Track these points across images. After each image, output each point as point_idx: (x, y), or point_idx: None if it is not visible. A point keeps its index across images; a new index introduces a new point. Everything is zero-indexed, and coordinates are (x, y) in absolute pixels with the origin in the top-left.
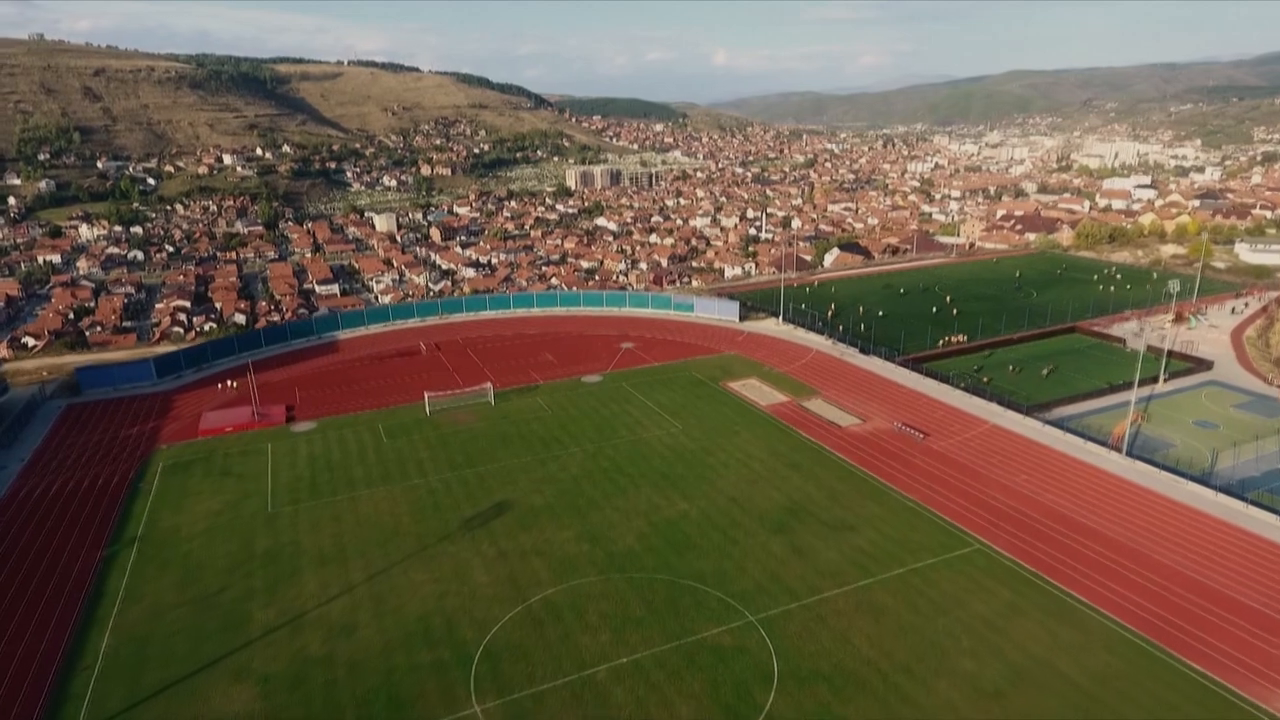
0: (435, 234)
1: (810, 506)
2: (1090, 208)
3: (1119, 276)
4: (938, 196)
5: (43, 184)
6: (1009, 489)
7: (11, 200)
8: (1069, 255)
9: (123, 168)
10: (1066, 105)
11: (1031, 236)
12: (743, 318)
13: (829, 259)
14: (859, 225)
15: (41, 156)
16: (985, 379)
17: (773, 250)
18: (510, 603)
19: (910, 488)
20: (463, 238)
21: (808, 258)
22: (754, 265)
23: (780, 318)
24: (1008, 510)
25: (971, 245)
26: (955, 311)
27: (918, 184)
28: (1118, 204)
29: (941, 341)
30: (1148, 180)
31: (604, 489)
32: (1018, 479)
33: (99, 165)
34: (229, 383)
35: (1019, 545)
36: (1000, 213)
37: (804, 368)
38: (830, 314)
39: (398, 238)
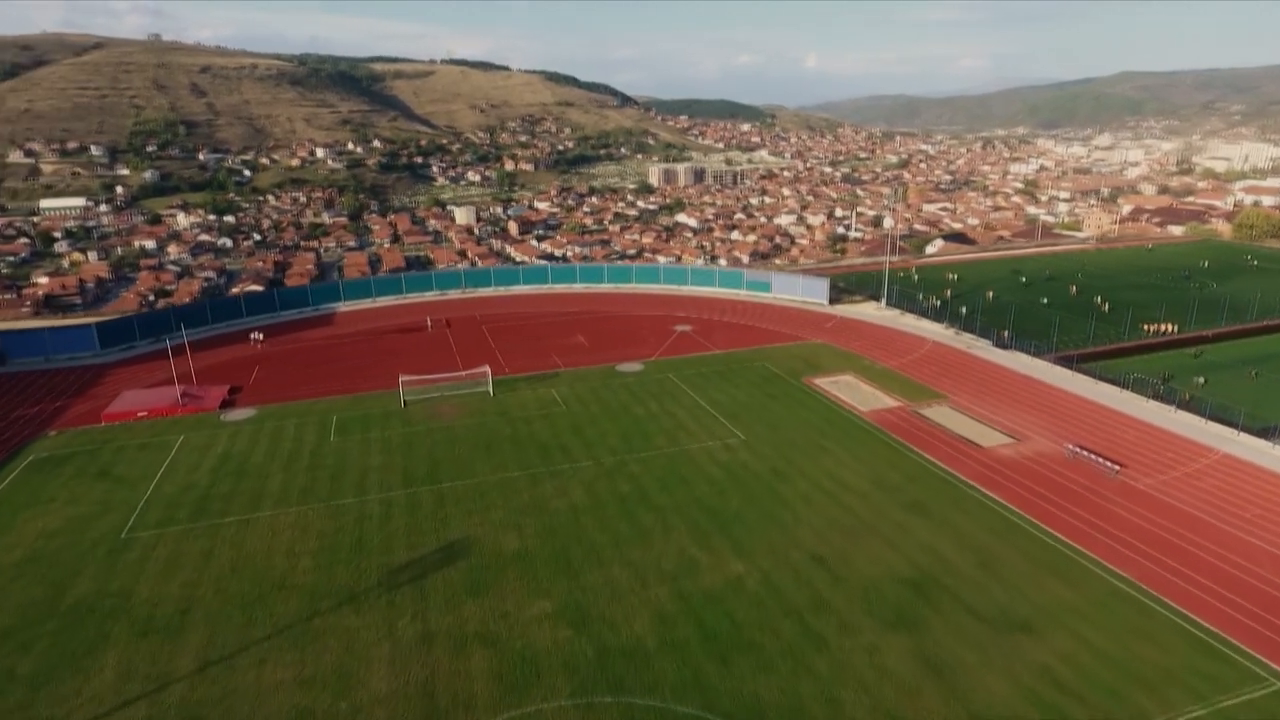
0: (512, 227)
1: (948, 580)
2: (1234, 205)
3: None
4: (1044, 198)
5: (148, 174)
6: None
7: (119, 189)
8: (1248, 245)
9: (221, 160)
10: (1184, 108)
11: (1178, 229)
12: (833, 301)
13: (931, 248)
14: (957, 225)
15: (149, 148)
16: (1187, 394)
17: (862, 248)
18: None
19: (1116, 556)
20: (539, 231)
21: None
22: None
23: (883, 300)
24: None
25: (1104, 236)
26: (1107, 305)
27: (1021, 185)
28: (1268, 200)
29: (1148, 329)
30: None
31: (615, 529)
32: None
33: (200, 157)
34: (256, 335)
35: None
36: (1128, 207)
37: (918, 363)
38: (947, 298)
39: (475, 230)
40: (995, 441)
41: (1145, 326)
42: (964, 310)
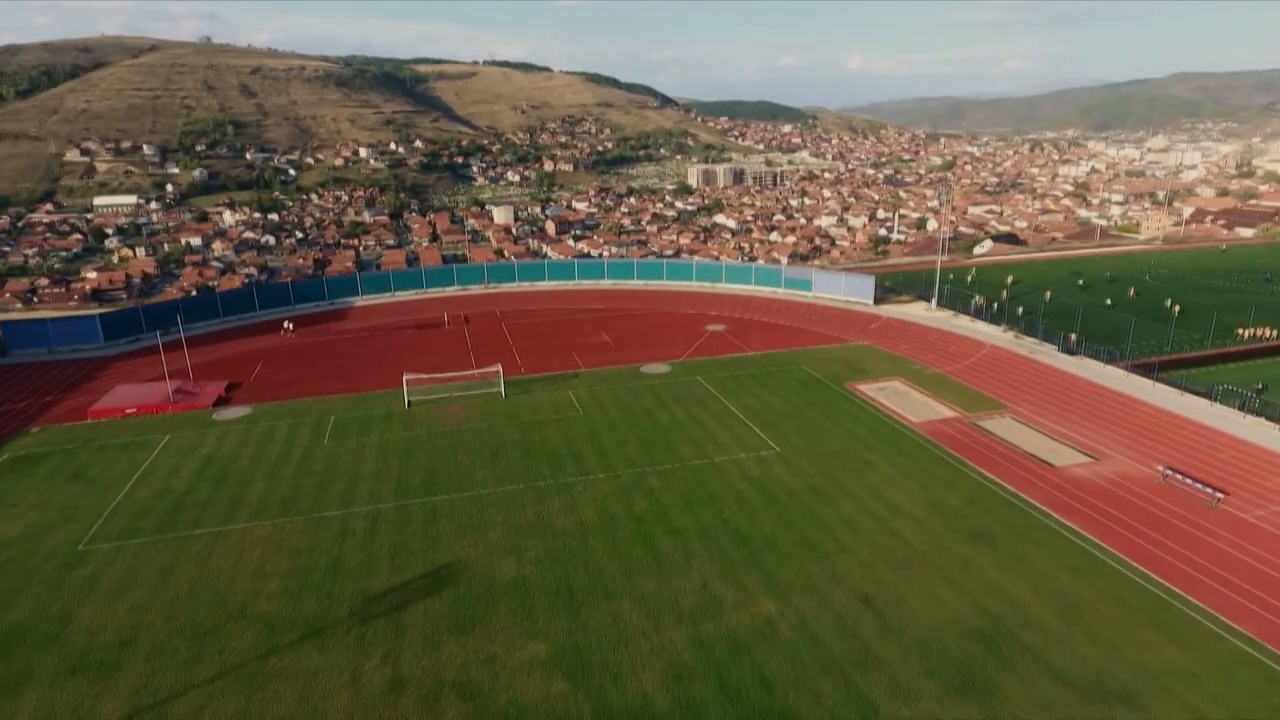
0: (550, 227)
1: (1025, 632)
2: None
3: None
4: (1096, 200)
5: (197, 173)
6: None
7: (169, 187)
8: None
9: (268, 159)
10: (1243, 110)
11: (1248, 231)
12: (878, 300)
13: (980, 249)
14: (1004, 228)
15: (199, 148)
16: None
17: (905, 250)
18: None
19: (1230, 605)
20: (577, 231)
21: (953, 252)
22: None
23: (934, 300)
24: None
25: (1169, 237)
26: (1177, 308)
27: (1071, 188)
28: None
29: (1243, 334)
30: None
31: (628, 555)
32: None
33: (247, 156)
34: (287, 325)
35: None
36: (1189, 209)
37: (975, 368)
38: (1003, 299)
39: (513, 230)
40: (1069, 460)
41: (1240, 331)
42: (1020, 311)
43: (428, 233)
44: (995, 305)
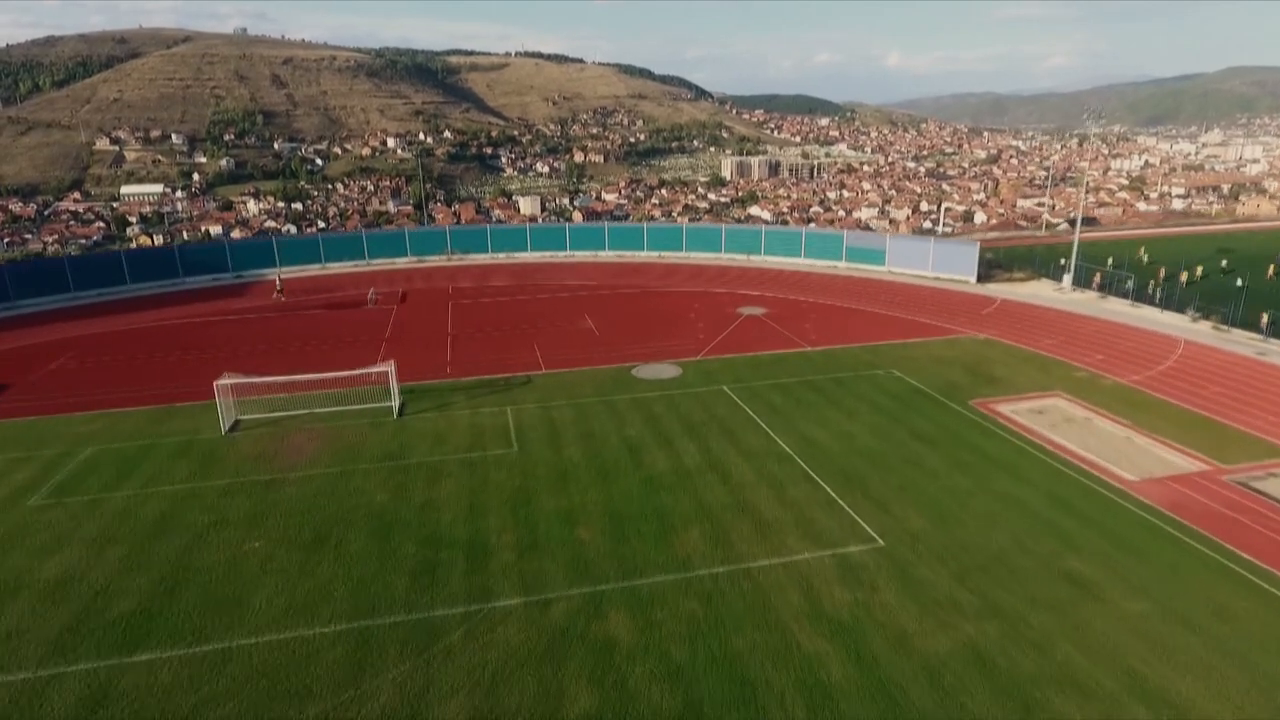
0: (577, 217)
1: None
2: None
3: None
4: (1153, 194)
5: (224, 162)
6: None
7: (196, 176)
8: None
9: (295, 149)
10: None
11: None
12: (982, 278)
13: (1058, 230)
14: (1056, 221)
15: (227, 137)
16: None
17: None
18: None
19: None
20: (605, 222)
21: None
22: None
23: (1068, 278)
24: None
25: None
26: None
27: (1126, 181)
28: None
29: None
30: None
31: None
32: None
33: (275, 146)
34: (277, 285)
35: None
36: None
37: (1179, 377)
38: (1161, 278)
39: (539, 220)
40: None
41: None
42: (1155, 288)
43: (452, 223)
44: (1158, 278)
